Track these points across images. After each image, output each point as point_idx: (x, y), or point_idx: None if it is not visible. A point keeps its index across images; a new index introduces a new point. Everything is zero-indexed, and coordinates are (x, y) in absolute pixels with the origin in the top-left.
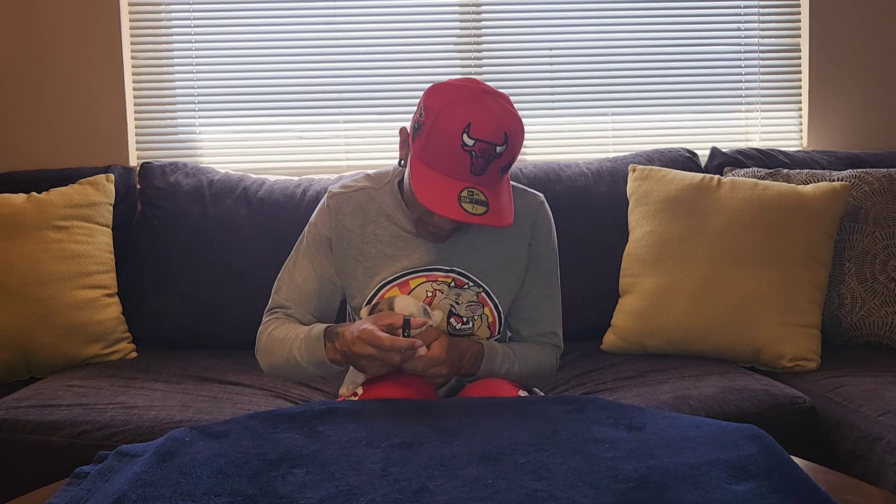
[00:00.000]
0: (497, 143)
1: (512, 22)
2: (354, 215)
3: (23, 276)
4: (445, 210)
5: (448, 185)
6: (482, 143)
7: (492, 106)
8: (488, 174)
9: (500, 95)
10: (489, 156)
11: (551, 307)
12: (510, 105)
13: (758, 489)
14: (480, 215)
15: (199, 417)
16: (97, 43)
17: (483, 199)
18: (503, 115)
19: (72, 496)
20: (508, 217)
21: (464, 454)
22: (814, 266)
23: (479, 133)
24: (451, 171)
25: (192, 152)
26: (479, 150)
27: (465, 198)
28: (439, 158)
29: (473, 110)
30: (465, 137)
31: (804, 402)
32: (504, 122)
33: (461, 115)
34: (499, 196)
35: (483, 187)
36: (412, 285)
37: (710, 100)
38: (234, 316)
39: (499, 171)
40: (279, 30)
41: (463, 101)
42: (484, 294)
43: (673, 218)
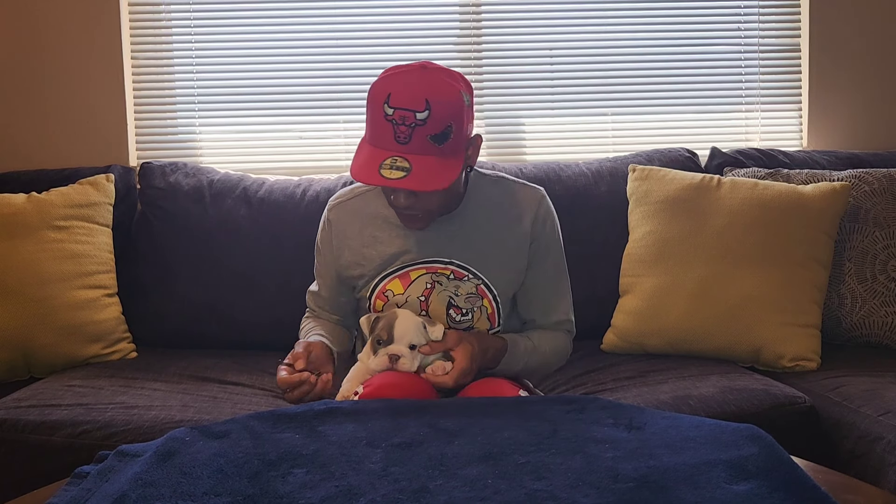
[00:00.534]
0: (416, 109)
1: (512, 22)
2: (352, 222)
3: (23, 276)
4: (363, 177)
5: (375, 155)
6: (401, 110)
7: (417, 76)
8: (414, 142)
9: (444, 71)
10: (410, 123)
11: (563, 295)
12: (451, 79)
13: (758, 489)
14: (397, 179)
15: (200, 417)
16: (97, 43)
17: (406, 165)
18: (428, 84)
19: (72, 496)
20: (432, 183)
21: (464, 454)
22: (814, 266)
23: (398, 101)
24: (380, 143)
25: (192, 152)
26: (398, 117)
27: (387, 165)
28: (371, 132)
29: (396, 82)
30: (385, 107)
31: (804, 401)
32: (426, 90)
33: (384, 87)
34: (428, 163)
35: (410, 155)
36: (412, 277)
37: (710, 100)
38: (233, 316)
39: (428, 139)
40: (279, 30)
41: (390, 76)
42: (483, 286)
43: (673, 218)
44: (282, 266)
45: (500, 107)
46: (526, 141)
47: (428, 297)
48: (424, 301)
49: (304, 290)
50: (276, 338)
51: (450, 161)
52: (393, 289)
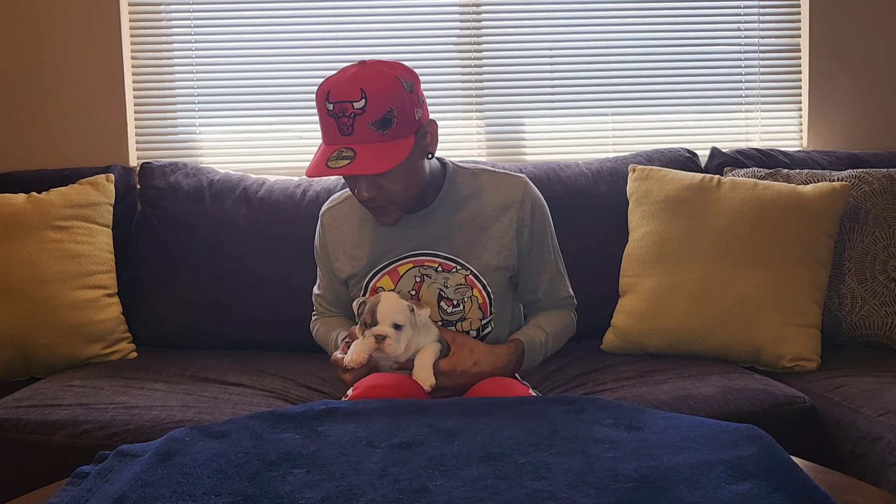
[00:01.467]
0: (353, 99)
1: (512, 22)
2: (342, 225)
3: (23, 276)
4: (312, 172)
5: (325, 151)
6: (339, 103)
7: (353, 72)
8: (357, 132)
9: (381, 63)
10: (350, 113)
11: (561, 275)
12: (387, 68)
13: (757, 489)
14: (342, 167)
15: (200, 418)
16: (97, 43)
17: (350, 154)
18: (361, 76)
19: (72, 496)
20: (377, 165)
21: (464, 454)
22: (814, 266)
23: (335, 96)
24: (328, 139)
25: (192, 152)
26: (338, 110)
27: (333, 157)
28: (323, 131)
29: (334, 80)
30: (326, 104)
31: (804, 401)
32: (360, 81)
33: (324, 87)
34: (373, 150)
35: (355, 144)
36: (401, 272)
37: (710, 100)
38: (234, 316)
39: (370, 126)
40: (279, 30)
41: (330, 77)
42: (472, 276)
43: (673, 218)
44: (282, 266)
45: (500, 107)
46: (526, 141)
47: (418, 291)
48: (415, 295)
49: (304, 289)
50: (277, 338)
51: (397, 144)
52: (383, 285)
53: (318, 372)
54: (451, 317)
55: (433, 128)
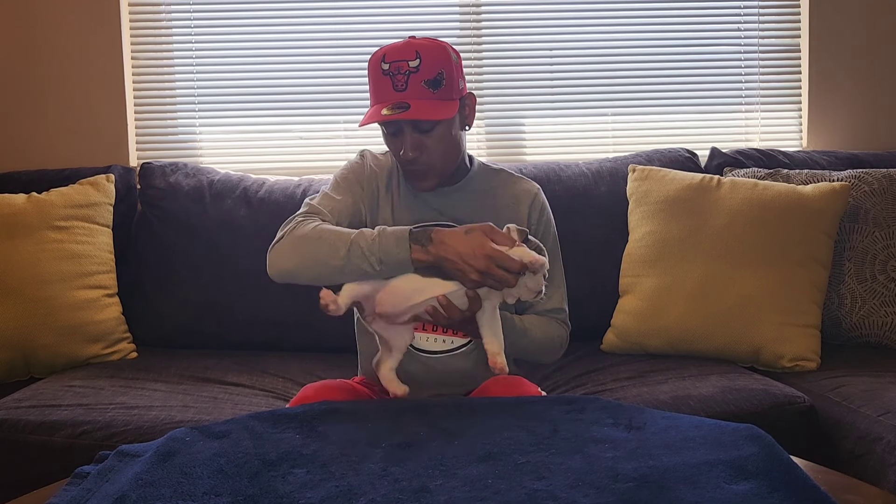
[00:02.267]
0: (408, 58)
1: (512, 22)
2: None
3: (23, 276)
4: (366, 120)
5: (378, 107)
6: (395, 62)
7: (408, 39)
8: (411, 88)
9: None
10: (405, 71)
11: (558, 286)
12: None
13: (757, 489)
14: (398, 113)
15: (200, 418)
16: (97, 43)
17: (406, 105)
18: (415, 42)
19: (72, 496)
20: (430, 114)
21: (464, 454)
22: (813, 266)
23: (391, 56)
24: (382, 98)
25: (192, 152)
26: (394, 69)
27: (389, 108)
28: (374, 94)
29: (389, 46)
30: (382, 65)
31: (804, 401)
32: (415, 44)
33: (380, 53)
34: (426, 104)
35: (409, 99)
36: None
37: (710, 100)
38: (234, 316)
39: (423, 84)
40: (279, 30)
41: (384, 46)
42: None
43: (673, 218)
44: None
45: (500, 107)
46: (526, 141)
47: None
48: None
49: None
50: (277, 338)
51: (446, 103)
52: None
53: (318, 372)
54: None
55: (472, 101)
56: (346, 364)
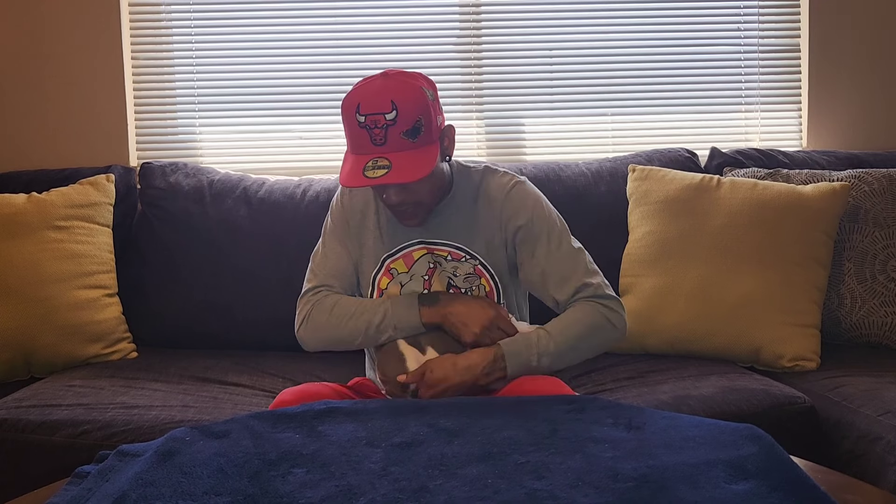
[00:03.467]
0: (384, 111)
1: (512, 22)
2: (357, 208)
3: (23, 276)
4: (349, 181)
5: (358, 160)
6: (371, 115)
7: (379, 82)
8: (391, 142)
9: (404, 74)
10: (382, 125)
11: (574, 263)
12: (412, 79)
13: (757, 489)
14: (380, 176)
15: (200, 418)
16: (97, 43)
17: (386, 163)
18: (389, 88)
19: (72, 496)
20: (413, 173)
21: (464, 454)
22: (813, 266)
23: (366, 108)
24: (360, 150)
25: (193, 152)
26: (370, 122)
27: (369, 167)
28: (351, 142)
29: (362, 92)
30: (357, 117)
31: (804, 401)
32: (389, 92)
33: (353, 99)
34: (407, 158)
35: (388, 154)
36: (415, 257)
37: (710, 100)
38: (234, 316)
39: (402, 136)
40: (279, 30)
41: (356, 89)
42: (480, 266)
43: (673, 218)
44: (282, 266)
45: (500, 107)
46: (526, 141)
47: (431, 277)
48: (427, 280)
49: None
50: (277, 337)
51: (426, 150)
52: (397, 267)
53: (318, 372)
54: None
55: (451, 132)
56: (346, 364)
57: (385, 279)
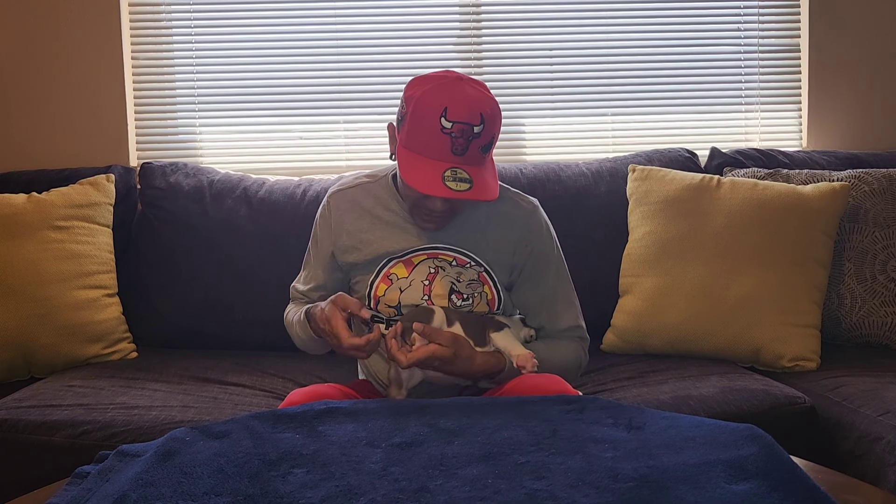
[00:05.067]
0: (474, 123)
1: (512, 22)
2: (351, 210)
3: (23, 276)
4: (431, 189)
5: (433, 166)
6: (460, 124)
7: (467, 90)
8: (469, 154)
9: (475, 82)
10: (468, 136)
11: (568, 304)
12: (486, 90)
13: (757, 489)
14: (465, 191)
15: (201, 418)
16: (97, 43)
17: (466, 176)
18: (478, 98)
19: (72, 496)
20: (493, 192)
21: (464, 454)
22: (813, 266)
23: (456, 115)
24: (435, 154)
25: (193, 152)
26: (457, 131)
27: (449, 177)
28: (422, 143)
29: (449, 95)
30: (443, 121)
31: (804, 402)
32: (479, 104)
33: (438, 101)
34: (482, 173)
35: (466, 166)
36: (415, 262)
37: (710, 100)
38: (234, 316)
39: (479, 150)
40: (279, 30)
41: (439, 89)
42: (485, 273)
43: (673, 218)
44: (282, 266)
45: (500, 106)
46: (526, 141)
47: (432, 282)
48: (428, 285)
49: None
50: (277, 338)
51: (492, 167)
52: (397, 272)
53: (318, 372)
54: (460, 309)
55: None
56: (346, 365)
57: (383, 285)
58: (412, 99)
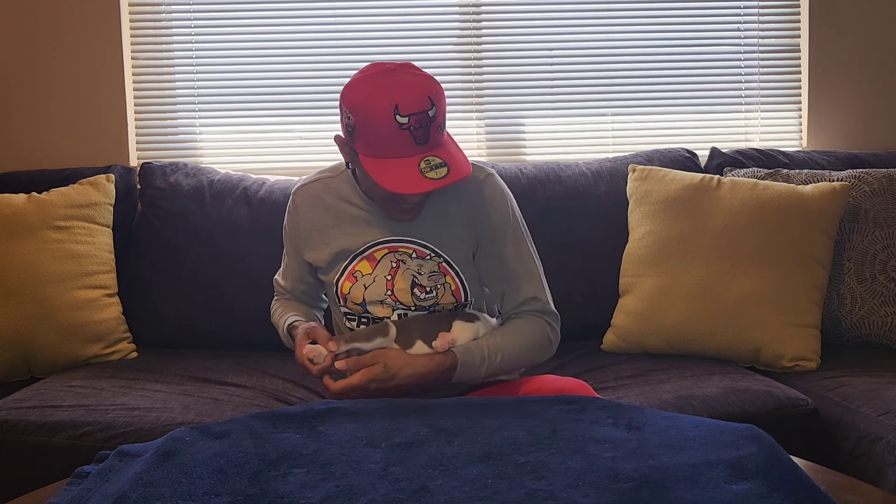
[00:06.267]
0: (426, 108)
1: (512, 22)
2: (316, 205)
3: (23, 276)
4: (415, 187)
5: (404, 164)
6: (415, 115)
7: (406, 80)
8: (432, 139)
9: (406, 66)
10: (425, 123)
11: (528, 273)
12: (417, 69)
13: (757, 489)
14: (445, 176)
15: (201, 419)
16: (97, 43)
17: (440, 161)
18: (419, 83)
19: (72, 496)
20: (467, 165)
21: (464, 454)
22: (813, 266)
23: (409, 108)
24: (400, 152)
25: (193, 152)
26: (415, 122)
27: (425, 168)
28: (384, 147)
29: (391, 92)
30: (398, 118)
31: (807, 404)
32: (423, 88)
33: (385, 101)
34: (449, 152)
35: (434, 152)
36: (377, 257)
37: (710, 100)
38: (234, 316)
39: (437, 130)
40: (279, 30)
41: (379, 89)
42: (445, 264)
43: (673, 218)
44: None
45: (500, 107)
46: (526, 141)
47: (394, 277)
48: (391, 280)
49: None
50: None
51: (452, 141)
52: (361, 269)
53: None
54: (424, 303)
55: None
56: None
57: (348, 283)
58: (356, 109)
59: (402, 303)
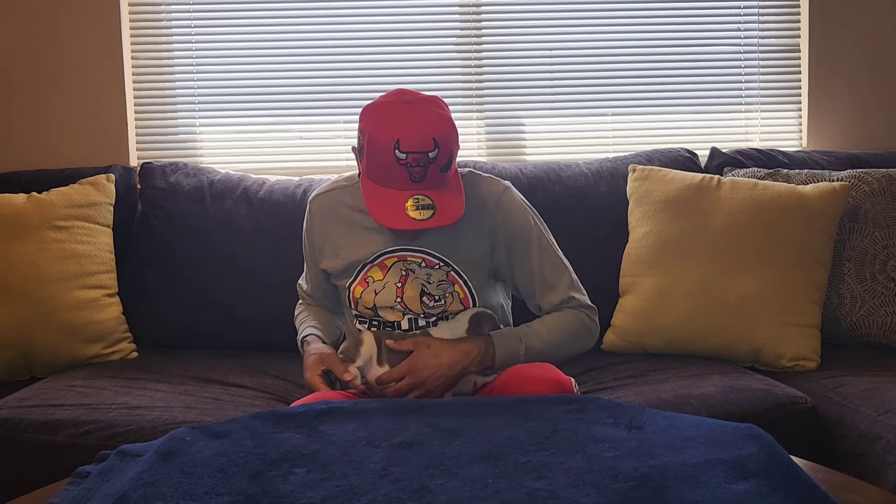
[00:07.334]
0: (428, 150)
1: (512, 22)
2: (329, 216)
3: (23, 276)
4: (394, 222)
5: (394, 196)
6: (414, 154)
7: (416, 117)
8: (429, 178)
9: (427, 101)
10: (424, 163)
11: (560, 275)
12: (439, 108)
13: (757, 488)
14: (428, 219)
15: (203, 419)
16: (97, 43)
17: (429, 202)
18: (428, 123)
19: (73, 496)
20: (456, 212)
21: (464, 454)
22: (813, 266)
23: (409, 146)
24: (395, 184)
25: (193, 152)
26: (412, 160)
27: (412, 206)
28: (381, 175)
29: (398, 125)
30: (397, 153)
31: (806, 402)
32: (430, 128)
33: (389, 133)
34: (444, 195)
35: (427, 191)
36: (388, 264)
37: (710, 100)
38: (234, 316)
39: (438, 171)
40: (279, 30)
41: (388, 119)
42: (453, 273)
43: (673, 218)
44: (282, 266)
45: (500, 107)
46: (526, 141)
47: (404, 284)
48: (400, 287)
49: None
50: (278, 338)
51: (455, 182)
52: (373, 275)
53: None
54: (433, 310)
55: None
56: None
57: (359, 288)
58: (365, 131)
59: (411, 310)
